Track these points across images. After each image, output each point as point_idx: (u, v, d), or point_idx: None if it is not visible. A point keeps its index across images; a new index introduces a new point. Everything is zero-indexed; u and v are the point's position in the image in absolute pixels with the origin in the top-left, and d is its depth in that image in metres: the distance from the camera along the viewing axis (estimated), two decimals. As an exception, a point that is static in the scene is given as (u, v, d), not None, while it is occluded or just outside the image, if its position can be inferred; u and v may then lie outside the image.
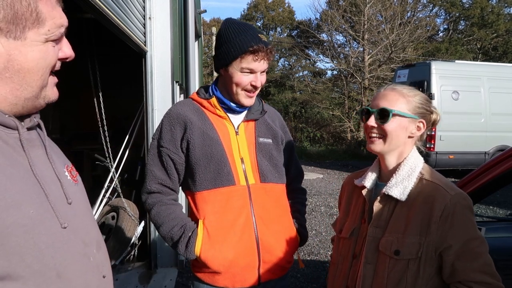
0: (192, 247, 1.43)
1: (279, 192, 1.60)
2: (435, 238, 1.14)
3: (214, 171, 1.46)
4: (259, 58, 1.44)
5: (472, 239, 1.14)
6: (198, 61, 8.79)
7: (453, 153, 8.56)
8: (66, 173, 0.85)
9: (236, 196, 1.47)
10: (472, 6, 21.34)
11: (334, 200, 7.34)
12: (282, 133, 1.67)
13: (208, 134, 1.48)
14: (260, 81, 1.49)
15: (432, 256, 1.15)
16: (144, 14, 3.49)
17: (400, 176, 1.23)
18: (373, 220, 1.24)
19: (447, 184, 1.20)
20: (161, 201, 1.52)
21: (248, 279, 1.47)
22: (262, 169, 1.53)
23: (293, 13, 28.92)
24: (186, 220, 1.50)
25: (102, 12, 2.21)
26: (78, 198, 0.85)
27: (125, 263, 3.81)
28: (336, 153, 14.90)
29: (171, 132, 1.51)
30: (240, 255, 1.45)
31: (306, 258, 4.48)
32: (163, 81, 3.63)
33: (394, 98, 1.24)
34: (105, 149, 4.13)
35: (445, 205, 1.14)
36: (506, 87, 8.86)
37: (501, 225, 2.51)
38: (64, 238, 0.74)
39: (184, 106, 1.56)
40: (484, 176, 1.84)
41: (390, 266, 1.17)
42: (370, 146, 1.28)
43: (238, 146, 1.52)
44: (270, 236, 1.50)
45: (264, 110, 1.62)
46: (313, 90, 21.71)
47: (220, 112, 1.53)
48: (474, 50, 22.14)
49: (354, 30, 18.63)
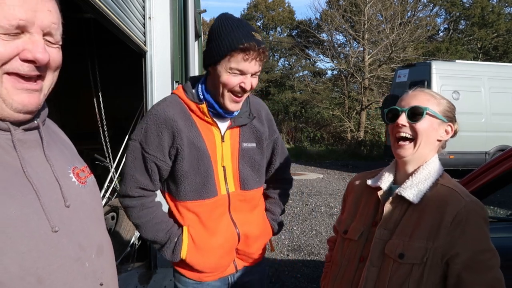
0: (178, 253, 1.45)
1: (258, 196, 1.62)
2: (443, 244, 1.08)
3: (199, 183, 1.42)
4: (250, 57, 1.31)
5: (484, 251, 1.07)
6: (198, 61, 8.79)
7: (453, 153, 8.53)
8: (71, 175, 0.83)
9: (219, 206, 1.48)
10: (473, 5, 21.33)
11: (334, 200, 7.33)
12: (266, 128, 1.59)
13: (195, 144, 1.41)
14: (250, 84, 1.36)
15: (437, 263, 1.09)
16: (144, 14, 3.48)
17: (416, 179, 1.17)
18: (382, 221, 1.18)
19: (464, 191, 1.14)
20: (142, 205, 1.45)
21: (226, 271, 1.57)
22: (243, 176, 1.51)
23: (293, 13, 28.91)
24: (170, 225, 1.48)
25: (102, 12, 2.21)
26: (82, 201, 0.82)
27: (125, 263, 3.81)
28: (336, 153, 14.89)
29: (158, 138, 1.39)
30: (223, 256, 1.52)
31: (306, 259, 4.48)
32: (163, 81, 3.62)
33: (426, 98, 1.19)
34: (105, 149, 4.13)
35: (458, 210, 1.08)
36: (507, 87, 8.86)
37: (502, 225, 2.51)
38: (53, 241, 0.71)
39: (172, 108, 1.42)
40: (485, 176, 1.83)
41: (393, 270, 1.12)
42: (399, 152, 1.19)
43: (222, 154, 1.46)
44: (248, 234, 1.56)
45: (252, 114, 1.52)
46: (313, 90, 21.70)
47: (208, 119, 1.44)
48: (474, 50, 22.13)
49: (354, 30, 18.62)
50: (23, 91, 0.71)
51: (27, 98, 0.72)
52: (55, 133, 0.90)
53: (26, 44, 0.69)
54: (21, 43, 0.69)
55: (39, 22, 0.70)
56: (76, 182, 0.83)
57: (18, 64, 0.69)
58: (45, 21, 0.72)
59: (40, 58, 0.70)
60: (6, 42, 0.67)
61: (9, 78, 0.69)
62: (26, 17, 0.68)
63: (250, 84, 1.37)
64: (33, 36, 0.70)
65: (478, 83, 8.81)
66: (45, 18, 0.71)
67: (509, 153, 1.80)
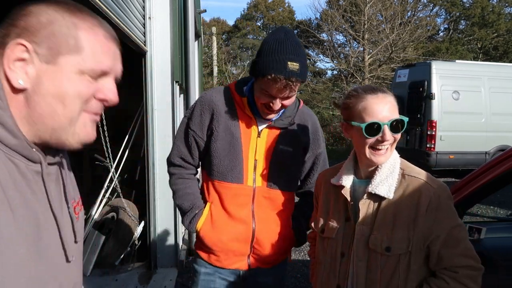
0: (195, 224, 1.60)
1: (284, 200, 1.63)
2: (423, 230, 1.18)
3: (227, 166, 1.55)
4: (279, 86, 1.37)
5: (455, 227, 1.20)
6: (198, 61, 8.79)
7: (453, 153, 8.54)
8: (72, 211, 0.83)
9: (242, 195, 1.57)
10: (473, 5, 21.34)
11: (334, 200, 7.32)
12: (309, 139, 1.65)
13: (230, 130, 1.54)
14: (278, 105, 1.44)
15: (420, 248, 1.20)
16: (144, 14, 3.48)
17: (383, 173, 1.24)
18: (360, 218, 1.25)
19: (428, 177, 1.24)
20: (180, 173, 1.67)
21: (238, 263, 1.62)
22: (271, 175, 1.57)
23: (293, 13, 28.93)
24: (196, 198, 1.64)
25: (102, 12, 2.21)
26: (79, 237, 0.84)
27: (125, 264, 3.81)
28: (336, 153, 14.88)
29: (200, 117, 1.58)
30: (234, 241, 1.58)
31: (306, 259, 4.48)
32: (163, 81, 3.62)
33: (393, 104, 1.23)
34: (105, 149, 4.13)
35: (430, 199, 1.18)
36: (507, 87, 8.84)
37: (502, 225, 2.51)
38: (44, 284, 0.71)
39: (218, 94, 1.59)
40: (485, 176, 1.83)
41: (382, 263, 1.21)
42: (379, 159, 1.23)
43: (256, 148, 1.56)
44: (265, 233, 1.59)
45: (293, 122, 1.58)
46: (313, 90, 21.69)
47: (248, 112, 1.55)
48: (474, 50, 22.13)
49: (354, 30, 18.63)
50: (90, 126, 0.76)
51: (90, 132, 0.76)
52: (66, 162, 0.90)
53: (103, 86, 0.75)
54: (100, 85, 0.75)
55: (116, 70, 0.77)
56: (75, 218, 0.83)
57: (96, 104, 0.75)
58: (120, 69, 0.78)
59: (114, 101, 0.78)
60: (89, 83, 0.72)
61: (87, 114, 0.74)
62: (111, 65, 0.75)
63: (278, 105, 1.44)
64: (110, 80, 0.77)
65: (478, 83, 8.80)
66: (120, 67, 0.78)
67: (509, 153, 1.80)
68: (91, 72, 0.71)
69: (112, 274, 3.58)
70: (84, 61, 0.70)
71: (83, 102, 0.72)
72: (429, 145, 8.45)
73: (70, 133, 0.72)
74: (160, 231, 3.75)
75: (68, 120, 0.71)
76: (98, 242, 3.78)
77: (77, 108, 0.71)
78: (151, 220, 3.66)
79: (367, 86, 1.27)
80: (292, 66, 1.34)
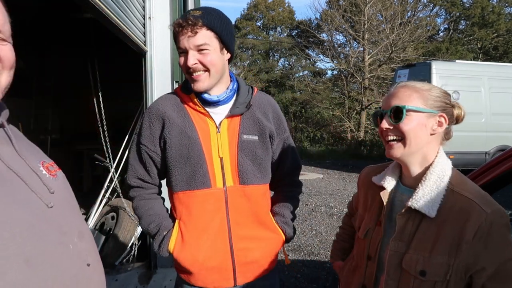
0: (165, 246, 1.44)
1: (260, 194, 1.51)
2: (466, 259, 1.03)
3: (189, 173, 1.41)
4: (181, 31, 1.31)
5: (509, 260, 1.03)
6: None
7: (453, 153, 8.54)
8: (41, 168, 0.84)
9: (211, 200, 1.42)
10: (473, 5, 21.33)
11: (334, 200, 7.33)
12: (274, 126, 1.53)
13: (186, 133, 1.41)
14: (191, 60, 1.33)
15: (461, 278, 1.05)
16: (144, 14, 3.48)
17: (427, 187, 1.09)
18: (396, 233, 1.12)
19: (483, 199, 1.06)
20: (140, 196, 1.52)
21: (221, 281, 1.46)
22: (243, 170, 1.43)
23: (293, 13, 28.91)
24: (162, 218, 1.49)
25: (102, 12, 2.21)
26: (57, 190, 0.84)
27: (125, 264, 3.81)
28: (336, 153, 14.89)
29: (149, 129, 1.46)
30: (211, 258, 1.43)
31: (306, 259, 4.48)
32: (163, 81, 3.62)
33: (406, 94, 1.11)
34: (105, 149, 4.13)
35: (480, 224, 1.01)
36: (507, 87, 8.85)
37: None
38: (38, 228, 0.73)
39: (165, 101, 1.47)
40: (485, 176, 1.83)
41: (415, 287, 1.07)
42: (389, 152, 1.13)
43: (218, 145, 1.42)
44: (247, 240, 1.46)
45: (250, 104, 1.47)
46: (313, 90, 21.70)
47: (200, 108, 1.43)
48: (474, 50, 22.12)
49: (354, 30, 18.63)
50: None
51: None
52: (18, 133, 0.92)
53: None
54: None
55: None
56: (47, 175, 0.84)
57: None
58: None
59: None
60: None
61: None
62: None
63: (194, 59, 1.33)
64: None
65: (478, 83, 8.80)
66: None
67: (509, 153, 1.80)
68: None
69: (112, 274, 3.57)
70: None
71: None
72: (429, 145, 8.45)
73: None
74: (160, 231, 3.74)
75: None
76: (98, 242, 3.78)
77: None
78: (151, 220, 3.65)
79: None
80: (193, 12, 1.33)
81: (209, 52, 1.34)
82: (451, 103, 1.15)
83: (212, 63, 1.36)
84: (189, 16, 1.31)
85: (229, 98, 1.46)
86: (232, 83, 1.50)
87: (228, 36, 1.39)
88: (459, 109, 1.15)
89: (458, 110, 1.15)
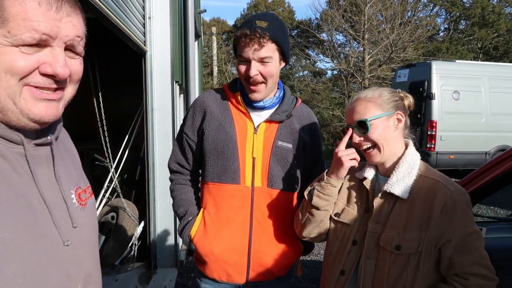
0: (188, 231, 1.53)
1: (287, 200, 1.53)
2: (435, 233, 1.17)
3: (221, 166, 1.48)
4: (248, 43, 1.36)
5: (471, 233, 1.18)
6: (198, 61, 8.79)
7: (453, 153, 8.54)
8: (72, 196, 0.80)
9: (238, 196, 1.47)
10: (473, 5, 21.32)
11: (334, 200, 7.31)
12: (308, 138, 1.57)
13: (224, 128, 1.48)
14: (255, 70, 1.38)
15: (431, 251, 1.19)
16: (144, 14, 3.48)
17: (400, 173, 1.25)
18: (373, 215, 1.26)
19: (447, 180, 1.23)
20: (177, 180, 1.63)
21: (234, 276, 1.50)
22: (273, 173, 1.48)
23: (293, 13, 28.93)
24: (191, 205, 1.59)
25: (102, 12, 2.21)
26: (79, 224, 0.80)
27: (125, 264, 3.81)
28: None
29: (192, 119, 1.55)
30: (228, 252, 1.47)
31: (306, 259, 4.47)
32: (163, 81, 3.62)
33: (362, 107, 1.27)
34: (105, 149, 4.13)
35: (445, 201, 1.17)
36: (507, 87, 8.84)
37: (502, 225, 2.51)
38: (44, 270, 0.69)
39: (210, 95, 1.57)
40: (485, 176, 1.83)
41: (391, 261, 1.20)
42: (370, 159, 1.30)
43: (253, 146, 1.48)
44: (265, 241, 1.49)
45: (291, 114, 1.53)
46: (313, 90, 21.68)
47: (242, 108, 1.50)
48: (474, 50, 22.11)
49: (354, 30, 18.61)
50: (41, 101, 0.70)
51: (44, 108, 0.70)
52: (66, 148, 0.88)
53: (47, 58, 0.68)
54: (42, 56, 0.68)
55: (62, 36, 0.69)
56: (76, 204, 0.81)
57: (38, 78, 0.68)
58: (69, 34, 0.70)
59: (61, 73, 0.69)
60: (26, 56, 0.66)
61: (28, 89, 0.68)
62: (49, 32, 0.67)
63: (255, 70, 1.38)
64: (54, 49, 0.69)
65: (478, 83, 8.80)
66: (69, 32, 0.70)
67: (509, 153, 1.80)
68: (19, 42, 0.65)
69: (112, 274, 3.57)
70: (11, 32, 0.64)
71: (19, 77, 0.66)
72: (429, 145, 8.45)
73: (17, 111, 0.68)
74: (160, 231, 3.74)
75: (6, 97, 0.66)
76: (98, 242, 3.78)
77: (13, 84, 0.66)
78: (151, 220, 3.66)
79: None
80: (259, 23, 1.37)
81: (271, 64, 1.41)
82: (400, 97, 1.32)
83: (271, 73, 1.42)
84: (257, 29, 1.35)
85: (273, 105, 1.52)
86: (279, 90, 1.56)
87: (287, 48, 1.46)
88: (407, 98, 1.34)
89: (407, 100, 1.34)
